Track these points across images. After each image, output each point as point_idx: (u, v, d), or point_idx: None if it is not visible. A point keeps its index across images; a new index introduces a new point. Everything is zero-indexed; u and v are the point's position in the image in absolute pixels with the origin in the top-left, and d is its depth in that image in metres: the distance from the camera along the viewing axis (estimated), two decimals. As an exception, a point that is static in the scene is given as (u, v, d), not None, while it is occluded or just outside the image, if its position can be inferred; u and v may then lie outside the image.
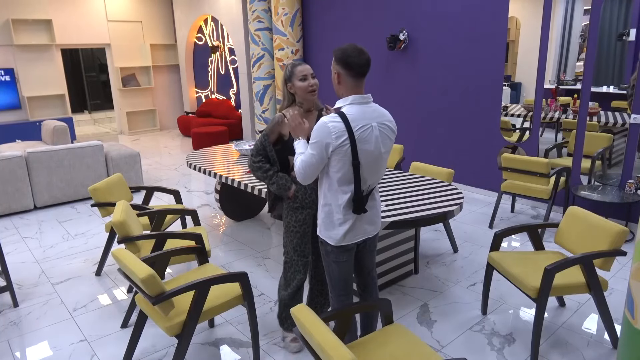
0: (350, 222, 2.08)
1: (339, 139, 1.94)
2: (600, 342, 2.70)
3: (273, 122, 2.43)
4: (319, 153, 1.98)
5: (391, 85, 6.07)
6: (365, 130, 1.99)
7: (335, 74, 2.04)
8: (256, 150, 2.45)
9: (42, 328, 2.96)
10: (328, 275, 2.25)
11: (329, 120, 1.96)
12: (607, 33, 4.24)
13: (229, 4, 8.30)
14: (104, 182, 3.61)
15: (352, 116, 1.98)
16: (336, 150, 1.96)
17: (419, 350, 1.97)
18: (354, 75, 1.99)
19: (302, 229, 2.51)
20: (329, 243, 2.14)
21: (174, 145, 8.82)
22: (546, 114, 4.81)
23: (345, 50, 1.99)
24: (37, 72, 8.52)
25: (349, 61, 1.97)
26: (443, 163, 5.68)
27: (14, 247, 4.24)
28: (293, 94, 2.42)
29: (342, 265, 2.19)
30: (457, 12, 5.20)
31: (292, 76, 2.37)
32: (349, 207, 2.07)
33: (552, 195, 4.15)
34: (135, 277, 2.09)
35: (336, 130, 1.94)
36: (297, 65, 2.39)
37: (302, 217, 2.49)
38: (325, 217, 2.12)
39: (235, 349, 2.71)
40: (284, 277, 2.63)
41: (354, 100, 2.02)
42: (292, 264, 2.57)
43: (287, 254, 2.58)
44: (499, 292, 3.25)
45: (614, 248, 2.51)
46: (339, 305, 2.25)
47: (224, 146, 4.92)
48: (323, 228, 2.15)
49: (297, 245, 2.54)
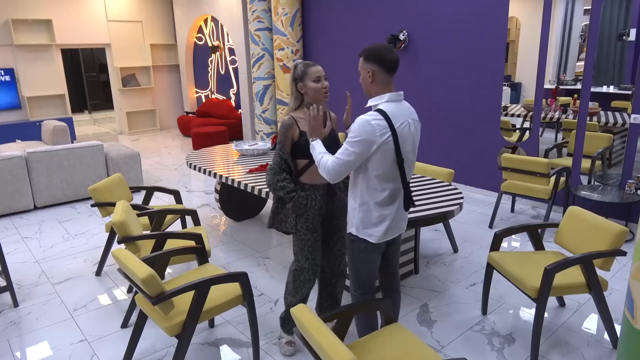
0: (390, 218, 2.11)
1: (383, 136, 1.96)
2: (600, 342, 2.70)
3: (285, 128, 2.37)
4: (362, 151, 1.97)
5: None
6: (404, 127, 2.03)
7: (368, 72, 2.04)
8: (278, 167, 2.38)
9: (42, 328, 2.96)
10: (355, 274, 2.24)
11: (371, 118, 1.96)
12: (607, 33, 4.24)
13: (229, 4, 8.30)
14: (104, 182, 3.61)
15: (392, 113, 2.00)
16: (380, 148, 1.97)
17: (419, 350, 1.97)
18: (388, 71, 2.02)
19: (314, 236, 2.47)
20: (368, 241, 2.13)
21: (174, 145, 8.82)
22: (546, 114, 4.81)
23: (378, 48, 2.01)
24: (37, 72, 8.52)
25: (384, 58, 2.00)
26: (443, 163, 5.68)
27: (14, 247, 4.24)
28: (303, 94, 2.37)
29: (371, 264, 2.21)
30: (457, 12, 5.20)
31: (305, 76, 2.32)
32: (389, 203, 2.09)
33: (552, 195, 4.15)
34: (135, 277, 2.09)
35: (380, 127, 1.95)
36: (310, 65, 2.34)
37: (312, 224, 2.44)
38: (364, 216, 2.11)
39: (235, 349, 2.71)
40: (293, 285, 2.57)
41: (391, 98, 2.04)
42: (303, 272, 2.52)
43: (299, 262, 2.52)
44: (499, 292, 3.25)
45: (614, 248, 2.51)
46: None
47: (224, 146, 4.92)
48: (361, 227, 2.13)
49: (308, 253, 2.48)
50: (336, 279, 2.70)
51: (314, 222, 2.44)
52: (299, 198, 2.37)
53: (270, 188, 2.43)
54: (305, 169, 2.42)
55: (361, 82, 2.12)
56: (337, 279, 2.70)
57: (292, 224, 2.43)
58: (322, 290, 2.74)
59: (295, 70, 2.37)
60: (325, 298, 2.75)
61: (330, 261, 2.65)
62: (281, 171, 2.37)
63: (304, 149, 2.35)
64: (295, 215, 2.41)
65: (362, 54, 2.06)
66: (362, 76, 2.09)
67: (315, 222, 2.45)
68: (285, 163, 2.38)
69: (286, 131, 2.37)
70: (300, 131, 2.37)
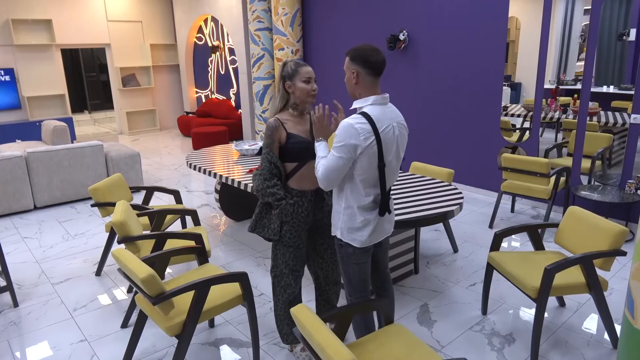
0: (374, 223, 2.07)
1: (367, 140, 1.92)
2: (600, 342, 2.70)
3: (270, 130, 2.26)
4: (349, 155, 1.93)
5: (391, 85, 6.07)
6: (389, 131, 1.98)
7: (353, 73, 2.00)
8: (269, 172, 2.28)
9: (42, 328, 2.96)
10: (347, 277, 2.22)
11: (355, 122, 1.92)
12: (607, 33, 4.24)
13: (229, 4, 8.30)
14: (104, 182, 3.61)
15: (376, 117, 1.96)
16: (364, 152, 1.93)
17: (419, 350, 1.97)
18: (373, 73, 1.98)
19: (296, 243, 2.38)
20: (352, 245, 2.11)
21: (174, 145, 8.82)
22: (546, 114, 4.81)
23: (363, 49, 1.98)
24: (37, 72, 8.52)
25: (368, 59, 1.96)
26: (443, 163, 5.68)
27: (14, 247, 4.24)
28: (290, 93, 2.29)
29: (362, 266, 2.18)
30: (457, 12, 5.20)
31: (295, 76, 2.24)
32: (371, 209, 2.06)
33: (552, 195, 4.15)
34: (135, 277, 2.09)
35: (364, 131, 1.91)
36: (301, 65, 2.26)
37: (296, 232, 2.35)
38: (348, 220, 2.09)
39: (235, 349, 2.71)
40: (274, 293, 2.51)
41: (375, 101, 2.00)
42: (282, 278, 2.44)
43: (277, 268, 2.44)
44: (499, 292, 3.25)
45: (614, 248, 2.51)
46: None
47: (224, 146, 4.92)
48: (346, 231, 2.10)
49: (289, 259, 2.40)
50: (330, 287, 2.66)
51: (298, 229, 2.35)
52: (287, 206, 2.29)
53: (258, 194, 2.34)
54: (293, 173, 2.32)
55: (346, 83, 2.08)
56: (330, 286, 2.66)
57: (276, 230, 2.33)
58: (319, 296, 2.71)
59: (285, 68, 2.27)
60: (322, 304, 2.72)
61: (323, 269, 2.60)
62: (272, 177, 2.28)
63: (292, 152, 2.28)
64: (280, 222, 2.32)
65: (348, 53, 2.02)
66: (347, 76, 2.05)
67: (299, 230, 2.36)
68: (275, 167, 2.29)
69: (272, 134, 2.26)
70: (287, 133, 2.28)
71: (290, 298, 2.48)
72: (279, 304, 2.51)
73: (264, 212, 2.39)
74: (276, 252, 2.43)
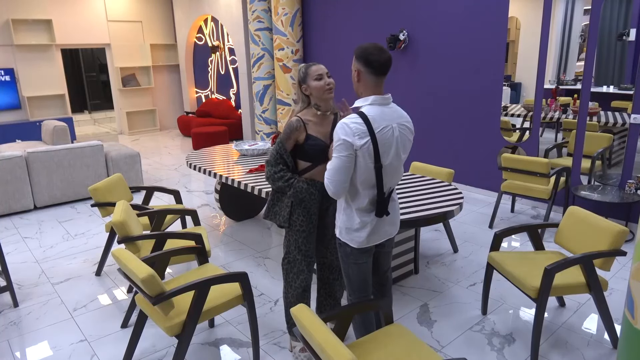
0: (371, 226, 2.06)
1: (361, 139, 1.91)
2: (600, 342, 2.70)
3: (290, 129, 2.35)
4: (348, 153, 1.93)
5: (391, 85, 6.07)
6: (386, 132, 1.97)
7: (355, 71, 2.02)
8: (274, 160, 2.39)
9: (42, 328, 2.96)
10: (347, 277, 2.22)
11: (350, 122, 1.93)
12: (607, 33, 4.24)
13: (229, 4, 8.30)
14: (104, 182, 3.61)
15: (373, 117, 1.95)
16: (360, 152, 1.93)
17: (419, 350, 1.97)
18: (374, 73, 1.98)
19: (308, 228, 2.45)
20: (350, 245, 2.11)
21: (174, 145, 8.82)
22: (546, 114, 4.81)
23: (367, 48, 1.98)
24: (37, 72, 8.52)
25: (369, 59, 1.96)
26: (443, 163, 5.68)
27: (14, 247, 4.24)
28: (308, 95, 2.37)
29: (361, 267, 2.17)
30: (457, 12, 5.20)
31: (307, 77, 2.32)
32: (370, 210, 2.05)
33: (552, 195, 4.15)
34: (135, 277, 2.09)
35: (358, 131, 1.91)
36: (311, 65, 2.35)
37: (307, 217, 2.43)
38: (347, 220, 2.09)
39: (235, 349, 2.71)
40: (286, 280, 2.56)
41: (375, 101, 2.00)
42: (295, 264, 2.51)
43: (290, 254, 2.52)
44: (499, 292, 3.25)
45: (614, 248, 2.51)
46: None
47: (224, 146, 4.92)
48: (344, 231, 2.11)
49: (301, 244, 2.47)
50: (334, 276, 2.70)
51: (309, 214, 2.43)
52: (299, 183, 2.37)
53: (269, 180, 2.43)
54: (305, 172, 2.41)
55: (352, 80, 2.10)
56: (335, 275, 2.70)
57: (285, 218, 2.42)
58: (321, 288, 2.74)
59: (298, 74, 2.38)
60: (324, 297, 2.75)
61: (326, 257, 2.66)
62: (277, 163, 2.39)
63: (309, 153, 2.35)
64: (289, 209, 2.41)
65: (354, 51, 2.03)
66: (352, 74, 2.07)
67: (310, 214, 2.43)
68: (281, 158, 2.38)
69: (291, 132, 2.35)
70: (307, 134, 2.35)
71: (304, 284, 2.53)
72: (291, 291, 2.55)
73: (275, 199, 2.50)
74: (289, 239, 2.50)
